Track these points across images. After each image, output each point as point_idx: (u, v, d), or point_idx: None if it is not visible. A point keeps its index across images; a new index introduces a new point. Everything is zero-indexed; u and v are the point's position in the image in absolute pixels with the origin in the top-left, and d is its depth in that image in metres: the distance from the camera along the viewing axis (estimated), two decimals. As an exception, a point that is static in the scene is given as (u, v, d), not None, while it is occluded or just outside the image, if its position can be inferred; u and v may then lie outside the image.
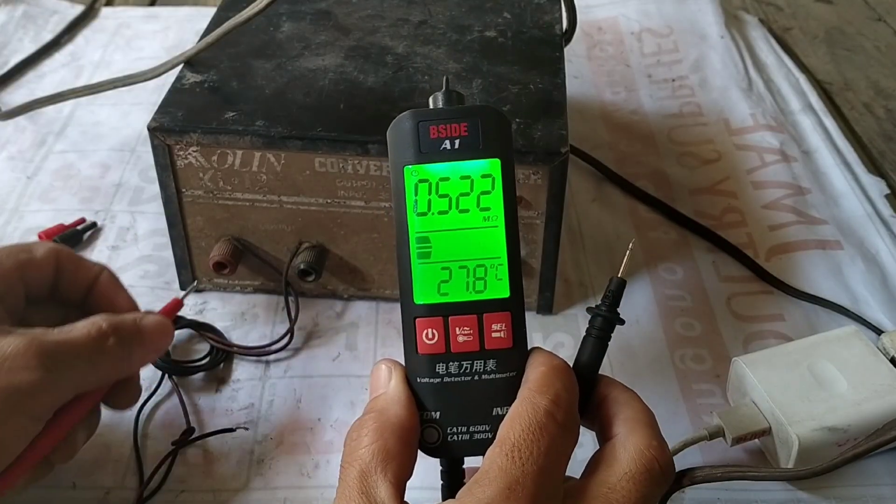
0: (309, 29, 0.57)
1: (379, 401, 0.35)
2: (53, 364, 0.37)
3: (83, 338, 0.39)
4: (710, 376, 0.51)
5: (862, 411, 0.43)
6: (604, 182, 0.66)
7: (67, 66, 0.79)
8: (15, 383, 0.36)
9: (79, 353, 0.38)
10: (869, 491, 0.45)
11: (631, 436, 0.34)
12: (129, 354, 0.41)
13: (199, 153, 0.49)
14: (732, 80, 0.76)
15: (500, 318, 0.35)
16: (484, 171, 0.35)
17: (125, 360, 0.41)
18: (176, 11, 0.87)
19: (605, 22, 0.86)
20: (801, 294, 0.56)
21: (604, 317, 0.37)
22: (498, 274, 0.35)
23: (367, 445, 0.33)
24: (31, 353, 0.37)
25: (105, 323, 0.40)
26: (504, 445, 0.32)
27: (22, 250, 0.42)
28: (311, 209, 0.51)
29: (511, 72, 0.53)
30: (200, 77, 0.52)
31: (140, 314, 0.43)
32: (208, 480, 0.45)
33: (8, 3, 0.85)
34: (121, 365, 0.41)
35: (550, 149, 0.47)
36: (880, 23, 0.88)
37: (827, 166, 0.67)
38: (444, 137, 0.35)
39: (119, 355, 0.40)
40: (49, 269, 0.43)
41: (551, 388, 0.33)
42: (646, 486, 0.33)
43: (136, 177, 0.65)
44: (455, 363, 0.35)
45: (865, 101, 0.77)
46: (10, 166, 0.66)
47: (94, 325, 0.40)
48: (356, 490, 0.32)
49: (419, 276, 0.35)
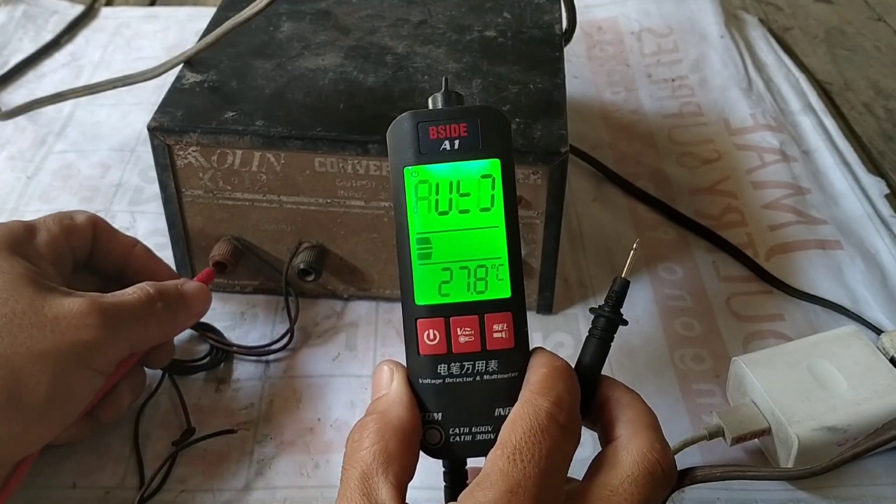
0: (309, 29, 0.57)
1: (380, 402, 0.35)
2: (113, 323, 0.41)
3: (135, 301, 0.43)
4: (709, 376, 0.51)
5: (862, 411, 0.43)
6: (604, 182, 0.66)
7: (67, 66, 0.79)
8: (83, 339, 0.39)
9: (133, 314, 0.42)
10: (869, 490, 0.45)
11: (633, 438, 0.34)
12: (175, 317, 0.45)
13: (199, 153, 0.49)
14: (732, 79, 0.76)
15: (501, 319, 0.35)
16: (484, 171, 0.35)
17: (171, 322, 0.45)
18: (176, 11, 0.87)
19: (605, 22, 0.86)
20: (801, 294, 0.56)
21: (607, 317, 0.37)
22: (499, 274, 0.35)
23: (369, 447, 0.33)
24: (94, 313, 0.40)
25: (152, 289, 0.44)
26: (505, 448, 0.32)
27: (65, 216, 0.46)
28: (311, 209, 0.51)
29: (511, 72, 0.53)
30: (200, 77, 0.52)
31: (181, 281, 0.47)
32: (208, 480, 0.45)
33: (8, 3, 0.85)
34: (167, 326, 0.45)
35: (550, 149, 0.47)
36: (880, 23, 0.88)
37: (827, 166, 0.67)
38: (444, 138, 0.35)
39: (166, 318, 0.44)
40: (88, 235, 0.47)
41: (553, 389, 0.33)
42: (648, 489, 0.33)
43: (136, 177, 0.65)
44: (456, 364, 0.35)
45: (865, 101, 0.77)
46: (10, 166, 0.66)
47: (143, 291, 0.44)
48: (357, 492, 0.32)
49: (420, 277, 0.35)
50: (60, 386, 0.39)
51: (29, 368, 0.38)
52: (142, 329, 0.43)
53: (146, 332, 0.44)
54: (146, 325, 0.43)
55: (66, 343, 0.39)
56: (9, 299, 0.39)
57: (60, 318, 0.39)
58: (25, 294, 0.40)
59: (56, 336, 0.39)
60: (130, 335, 0.42)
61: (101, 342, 0.40)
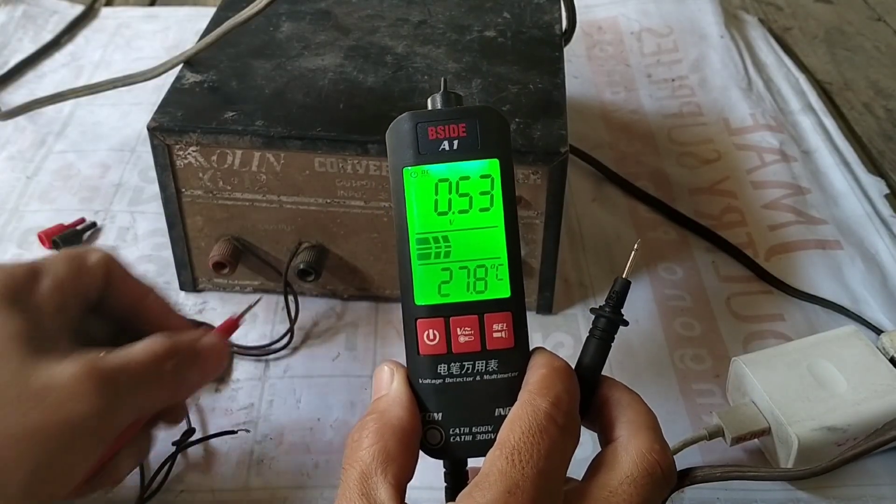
0: (309, 29, 0.57)
1: (380, 402, 0.35)
2: (113, 390, 0.36)
3: (141, 362, 0.37)
4: (709, 376, 0.51)
5: (861, 411, 0.43)
6: (604, 182, 0.66)
7: (67, 66, 0.79)
8: (75, 414, 0.35)
9: (138, 378, 0.37)
10: (869, 491, 0.45)
11: (633, 439, 0.34)
12: (187, 378, 0.40)
13: (199, 153, 0.49)
14: (732, 79, 0.76)
15: (501, 318, 0.35)
16: (483, 171, 0.35)
17: (182, 384, 0.40)
18: (176, 11, 0.87)
19: (605, 22, 0.86)
20: (801, 294, 0.56)
21: (607, 318, 0.37)
22: (498, 274, 0.35)
23: (368, 447, 0.33)
24: (89, 379, 0.35)
25: (163, 345, 0.38)
26: (504, 448, 0.32)
27: (76, 256, 0.40)
28: (311, 209, 0.51)
29: (511, 72, 0.53)
30: (200, 77, 0.52)
31: (197, 334, 0.41)
32: (208, 480, 0.45)
33: (8, 3, 0.85)
34: (178, 389, 0.40)
35: (550, 149, 0.47)
36: (880, 23, 0.88)
37: (827, 166, 0.67)
38: (443, 138, 0.35)
39: (177, 379, 0.39)
40: (100, 277, 0.41)
41: (552, 390, 0.33)
42: (647, 489, 0.33)
43: (136, 177, 0.65)
44: (456, 364, 0.35)
45: (865, 101, 0.77)
46: (10, 166, 0.66)
47: (152, 347, 0.38)
48: (357, 492, 0.32)
49: (420, 277, 0.35)
50: (45, 469, 0.34)
51: (7, 452, 0.33)
52: (149, 394, 0.38)
53: (154, 396, 0.38)
54: (154, 389, 0.38)
55: (56, 420, 0.34)
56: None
57: (50, 390, 0.34)
58: (13, 359, 0.35)
59: (43, 412, 0.34)
60: (135, 401, 0.37)
61: (98, 414, 0.35)
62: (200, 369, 0.40)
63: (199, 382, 0.41)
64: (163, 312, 0.43)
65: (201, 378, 0.41)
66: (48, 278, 0.39)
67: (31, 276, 0.38)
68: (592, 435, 0.37)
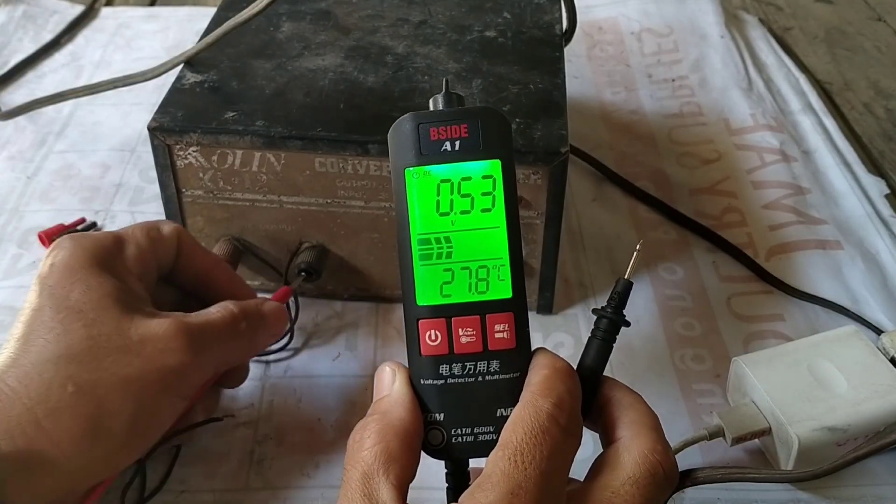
0: (309, 29, 0.57)
1: (382, 403, 0.35)
2: (199, 346, 0.40)
3: (220, 322, 0.42)
4: (710, 376, 0.51)
5: (862, 411, 0.43)
6: (604, 182, 0.66)
7: (67, 66, 0.79)
8: (169, 364, 0.39)
9: (218, 336, 0.42)
10: (869, 491, 0.45)
11: (635, 439, 0.34)
12: (256, 338, 0.44)
13: (199, 153, 0.49)
14: (732, 80, 0.76)
15: (502, 319, 0.35)
16: (485, 171, 0.35)
17: (252, 343, 0.45)
18: (176, 11, 0.87)
19: (605, 22, 0.86)
20: (801, 294, 0.56)
21: (609, 319, 0.37)
22: (500, 275, 0.35)
23: (370, 448, 0.33)
24: (180, 336, 0.39)
25: (236, 308, 0.43)
26: (506, 449, 0.32)
27: (152, 228, 0.44)
28: (311, 209, 0.51)
29: (511, 72, 0.53)
30: (200, 77, 0.52)
31: (261, 300, 0.46)
32: (208, 480, 0.45)
33: (8, 3, 0.85)
34: (248, 347, 0.45)
35: (550, 149, 0.47)
36: (880, 23, 0.88)
37: (827, 166, 0.67)
38: (445, 139, 0.35)
39: (248, 338, 0.44)
40: (173, 248, 0.45)
41: (554, 391, 0.33)
42: (649, 490, 0.33)
43: (136, 177, 0.65)
44: (458, 364, 0.35)
45: (865, 101, 0.77)
46: (10, 166, 0.66)
47: (227, 311, 0.43)
48: (359, 492, 0.32)
49: (421, 278, 0.35)
50: (144, 413, 0.38)
51: (113, 396, 0.37)
52: (226, 351, 0.43)
53: (229, 353, 0.43)
54: (230, 347, 0.43)
55: (152, 369, 0.38)
56: (95, 320, 0.38)
57: (146, 342, 0.39)
58: (112, 315, 0.39)
59: (142, 361, 0.38)
60: (214, 357, 0.42)
61: (187, 367, 0.40)
62: (266, 330, 0.45)
63: (265, 342, 0.46)
64: (229, 281, 0.47)
65: (267, 338, 0.46)
66: (132, 246, 0.43)
67: (117, 244, 0.42)
68: (594, 435, 0.37)
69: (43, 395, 0.36)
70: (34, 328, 0.38)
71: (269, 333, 0.46)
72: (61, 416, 0.36)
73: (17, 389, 0.36)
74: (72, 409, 0.36)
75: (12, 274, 0.57)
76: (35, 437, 0.36)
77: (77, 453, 0.37)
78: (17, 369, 0.37)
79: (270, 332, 0.46)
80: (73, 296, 0.39)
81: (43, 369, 0.37)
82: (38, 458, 0.35)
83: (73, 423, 0.36)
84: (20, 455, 0.35)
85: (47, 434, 0.36)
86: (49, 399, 0.36)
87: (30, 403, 0.36)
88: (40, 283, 0.40)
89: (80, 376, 0.37)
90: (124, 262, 0.42)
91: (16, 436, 0.35)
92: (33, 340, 0.38)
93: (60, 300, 0.39)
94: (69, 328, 0.38)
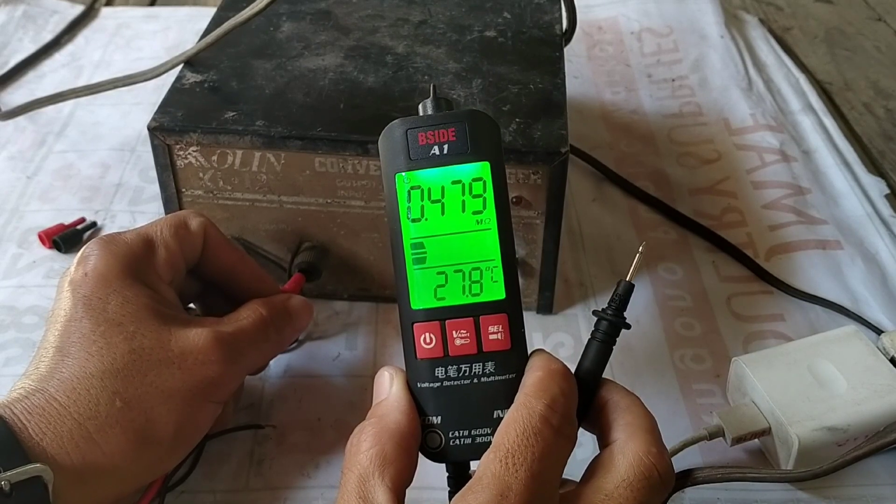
0: (309, 29, 0.57)
1: (379, 407, 0.35)
2: (234, 356, 0.41)
3: (252, 328, 0.43)
4: (710, 376, 0.51)
5: (862, 411, 0.43)
6: (604, 182, 0.66)
7: (67, 66, 0.79)
8: (208, 375, 0.40)
9: (251, 342, 0.43)
10: (869, 491, 0.45)
11: (630, 442, 0.34)
12: (283, 337, 0.46)
13: (199, 153, 0.49)
14: (732, 79, 0.76)
15: (496, 321, 0.35)
16: (474, 174, 0.35)
17: (281, 343, 0.46)
18: (176, 11, 0.87)
19: (605, 22, 0.86)
20: (801, 294, 0.56)
21: (609, 321, 0.37)
22: (493, 276, 0.35)
23: (366, 451, 0.33)
24: (217, 348, 0.40)
25: (265, 311, 0.44)
26: (498, 451, 0.32)
27: (180, 225, 0.44)
28: (312, 209, 0.51)
29: (511, 72, 0.53)
30: (200, 77, 0.52)
31: (285, 296, 0.47)
32: (208, 480, 0.45)
33: (8, 3, 0.85)
34: (277, 347, 0.46)
35: (550, 149, 0.47)
36: (880, 23, 0.88)
37: (827, 166, 0.67)
38: (433, 143, 0.35)
39: (277, 340, 0.45)
40: (200, 243, 0.45)
41: (547, 392, 0.33)
42: (644, 493, 0.33)
43: (136, 177, 0.65)
44: (454, 367, 0.35)
45: (865, 101, 0.77)
46: (10, 166, 0.66)
47: (257, 314, 0.44)
48: (355, 495, 0.32)
49: (415, 282, 0.35)
50: (187, 421, 0.39)
51: (159, 408, 0.38)
52: (258, 355, 0.44)
53: (262, 355, 0.45)
54: (263, 350, 0.44)
55: (193, 381, 0.39)
56: (136, 333, 0.39)
57: (187, 354, 0.39)
58: (151, 327, 0.39)
59: (183, 374, 0.39)
60: (248, 363, 0.43)
61: (225, 377, 0.41)
62: (293, 326, 0.46)
63: (292, 337, 0.48)
64: (254, 275, 0.47)
65: (294, 333, 0.48)
66: (161, 249, 0.43)
67: (147, 249, 0.42)
68: (593, 436, 0.37)
69: (92, 411, 0.37)
70: (72, 339, 0.38)
71: (296, 329, 0.47)
72: (111, 430, 0.37)
73: (65, 404, 0.37)
74: (121, 424, 0.37)
75: (12, 274, 0.57)
76: (88, 451, 0.36)
77: (127, 463, 0.38)
78: (60, 382, 0.37)
79: (297, 327, 0.47)
80: (110, 308, 0.39)
81: (89, 384, 0.37)
82: (91, 469, 0.36)
83: (122, 437, 0.37)
84: (75, 467, 0.36)
85: (99, 447, 0.37)
86: (98, 415, 0.37)
87: (80, 419, 0.37)
88: (73, 291, 0.40)
89: (126, 391, 0.38)
90: (156, 270, 0.42)
91: (70, 450, 0.36)
92: (74, 353, 0.38)
93: (98, 312, 0.39)
94: (111, 342, 0.38)
